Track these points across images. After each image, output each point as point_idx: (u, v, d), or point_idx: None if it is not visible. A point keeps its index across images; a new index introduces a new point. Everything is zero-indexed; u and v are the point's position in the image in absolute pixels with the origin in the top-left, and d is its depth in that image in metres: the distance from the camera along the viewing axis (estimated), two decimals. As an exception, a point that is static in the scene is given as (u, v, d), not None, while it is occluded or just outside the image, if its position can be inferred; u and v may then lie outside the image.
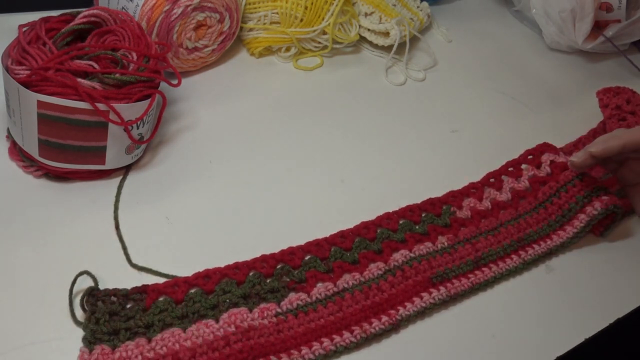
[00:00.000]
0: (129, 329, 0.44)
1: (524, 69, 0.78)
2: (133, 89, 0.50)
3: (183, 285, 0.47)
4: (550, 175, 0.58)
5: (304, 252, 0.50)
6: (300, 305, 0.47)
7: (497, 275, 0.52)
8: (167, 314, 0.45)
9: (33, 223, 0.50)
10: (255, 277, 0.48)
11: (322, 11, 0.69)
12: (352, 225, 0.53)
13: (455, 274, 0.51)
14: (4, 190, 0.52)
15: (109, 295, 0.45)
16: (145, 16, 0.59)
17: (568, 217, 0.55)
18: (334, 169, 0.60)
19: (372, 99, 0.69)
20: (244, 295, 0.47)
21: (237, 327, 0.45)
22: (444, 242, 0.53)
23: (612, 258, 0.56)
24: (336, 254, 0.51)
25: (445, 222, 0.55)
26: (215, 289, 0.47)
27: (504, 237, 0.54)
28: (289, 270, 0.49)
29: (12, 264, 0.47)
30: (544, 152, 0.60)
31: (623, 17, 0.76)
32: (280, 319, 0.46)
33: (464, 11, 0.87)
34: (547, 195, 0.57)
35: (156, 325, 0.44)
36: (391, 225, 0.54)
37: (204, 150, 0.59)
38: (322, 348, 0.45)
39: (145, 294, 0.45)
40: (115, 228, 0.51)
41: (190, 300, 0.46)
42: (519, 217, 0.56)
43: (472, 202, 0.57)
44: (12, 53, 0.49)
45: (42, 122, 0.48)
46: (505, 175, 0.59)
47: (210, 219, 0.53)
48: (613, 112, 0.67)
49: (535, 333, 0.49)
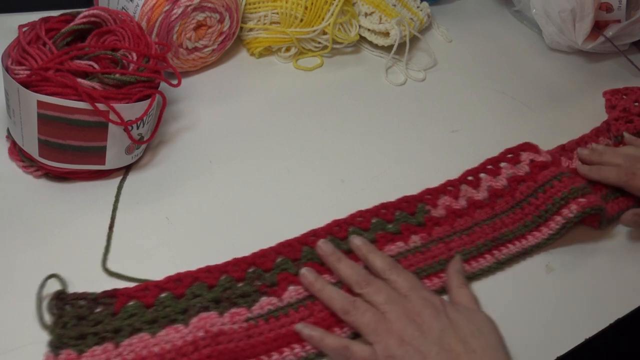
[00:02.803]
0: (97, 334, 0.43)
1: (524, 69, 0.78)
2: (133, 89, 0.50)
3: (154, 289, 0.46)
4: (528, 174, 0.58)
5: (275, 253, 0.50)
6: (271, 310, 0.46)
7: (469, 275, 0.51)
8: (137, 318, 0.44)
9: (33, 223, 0.50)
10: (227, 281, 0.47)
11: (322, 11, 0.69)
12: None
13: (427, 273, 0.50)
14: (4, 190, 0.52)
15: (78, 299, 0.44)
16: (145, 16, 0.59)
17: (544, 218, 0.55)
18: (334, 169, 0.60)
19: (372, 99, 0.69)
20: (214, 299, 0.46)
21: (206, 331, 0.44)
22: (416, 242, 0.52)
23: (612, 258, 0.56)
24: (308, 255, 0.50)
25: (419, 221, 0.54)
26: (186, 292, 0.46)
27: (479, 236, 0.54)
28: (260, 273, 0.48)
29: (11, 264, 0.47)
30: (525, 151, 0.60)
31: (623, 17, 0.76)
32: (251, 323, 0.45)
33: (464, 11, 0.87)
34: (524, 195, 0.57)
35: (125, 330, 0.43)
36: (363, 224, 0.53)
37: (204, 150, 0.59)
38: (293, 354, 0.44)
39: (115, 298, 0.45)
40: (108, 228, 0.50)
41: (160, 305, 0.45)
42: (494, 216, 0.56)
43: (447, 200, 0.56)
44: (12, 53, 0.49)
45: (42, 122, 0.48)
46: (484, 173, 0.59)
47: (210, 218, 0.53)
48: (620, 115, 0.67)
49: (535, 333, 0.49)
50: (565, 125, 0.69)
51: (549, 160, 0.59)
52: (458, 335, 0.43)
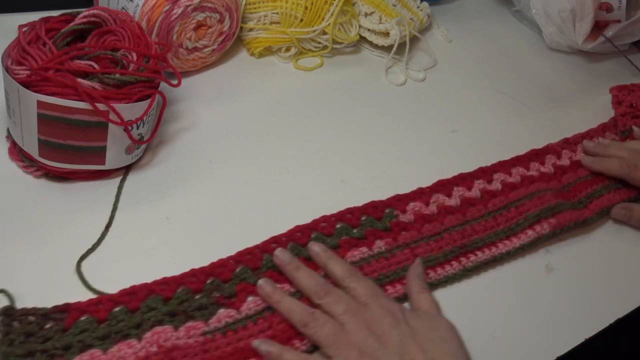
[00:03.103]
0: (46, 351, 0.41)
1: (524, 69, 0.78)
2: (133, 89, 0.50)
3: (107, 303, 0.44)
4: (499, 191, 0.58)
5: (235, 263, 0.48)
6: (229, 323, 0.45)
7: (434, 282, 0.50)
8: (88, 334, 0.42)
9: (33, 223, 0.50)
10: (184, 293, 0.45)
11: (322, 11, 0.69)
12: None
13: (391, 279, 0.49)
14: (4, 190, 0.52)
15: (26, 315, 0.42)
16: (145, 16, 0.59)
17: (516, 230, 0.54)
18: (334, 169, 0.60)
19: (372, 99, 0.69)
20: (170, 312, 0.44)
21: (159, 346, 0.42)
22: (381, 247, 0.51)
23: (612, 258, 0.56)
24: (268, 264, 0.48)
25: (386, 226, 0.52)
26: (140, 306, 0.44)
27: (447, 242, 0.52)
28: (219, 284, 0.46)
29: (11, 264, 0.47)
30: (497, 172, 0.59)
31: (623, 17, 0.76)
32: (208, 337, 0.44)
33: (464, 11, 0.87)
34: (497, 207, 0.56)
35: (75, 346, 0.41)
36: (327, 230, 0.51)
37: (203, 150, 0.59)
38: None
39: (67, 313, 0.43)
40: (105, 227, 0.50)
41: (114, 319, 0.43)
42: (465, 222, 0.54)
43: (417, 205, 0.55)
44: (12, 53, 0.49)
45: (42, 122, 0.48)
46: (456, 185, 0.57)
47: (210, 218, 0.53)
48: (627, 110, 0.68)
49: (535, 333, 0.49)
50: (565, 125, 0.69)
51: (518, 181, 0.59)
52: (418, 343, 0.42)
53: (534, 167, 0.61)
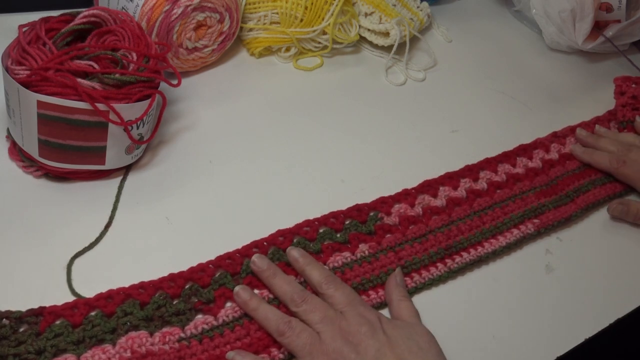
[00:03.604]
0: (18, 355, 0.40)
1: (524, 69, 0.78)
2: (133, 89, 0.50)
3: (83, 307, 0.43)
4: (485, 191, 0.58)
5: (214, 267, 0.47)
6: (205, 330, 0.44)
7: (418, 286, 0.50)
8: (62, 338, 0.41)
9: (33, 223, 0.50)
10: (161, 298, 0.45)
11: (322, 11, 0.69)
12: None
13: (374, 284, 0.49)
14: (4, 190, 0.52)
15: (0, 318, 0.42)
16: (145, 16, 0.59)
17: (501, 229, 0.54)
18: (334, 169, 0.60)
19: (372, 99, 0.69)
20: (146, 317, 0.43)
21: (133, 352, 0.41)
22: (364, 251, 0.50)
23: (612, 258, 0.56)
24: (248, 269, 0.47)
25: (370, 229, 0.52)
26: (116, 310, 0.43)
27: (432, 244, 0.52)
28: (197, 289, 0.46)
29: (11, 264, 0.47)
30: (483, 169, 0.60)
31: (623, 17, 0.76)
32: (183, 344, 0.43)
33: (464, 11, 0.87)
34: (482, 207, 0.56)
35: (48, 351, 0.41)
36: (309, 234, 0.51)
37: (203, 150, 0.59)
38: None
39: (41, 317, 0.42)
40: (104, 227, 0.50)
41: (89, 324, 0.42)
42: (451, 223, 0.54)
43: (402, 207, 0.54)
44: (12, 53, 0.49)
45: (42, 122, 0.48)
46: (443, 185, 0.57)
47: (210, 219, 0.53)
48: (628, 101, 0.68)
49: (535, 333, 0.49)
50: (565, 125, 0.69)
51: (504, 180, 0.59)
52: (395, 353, 0.42)
53: (520, 163, 0.61)
